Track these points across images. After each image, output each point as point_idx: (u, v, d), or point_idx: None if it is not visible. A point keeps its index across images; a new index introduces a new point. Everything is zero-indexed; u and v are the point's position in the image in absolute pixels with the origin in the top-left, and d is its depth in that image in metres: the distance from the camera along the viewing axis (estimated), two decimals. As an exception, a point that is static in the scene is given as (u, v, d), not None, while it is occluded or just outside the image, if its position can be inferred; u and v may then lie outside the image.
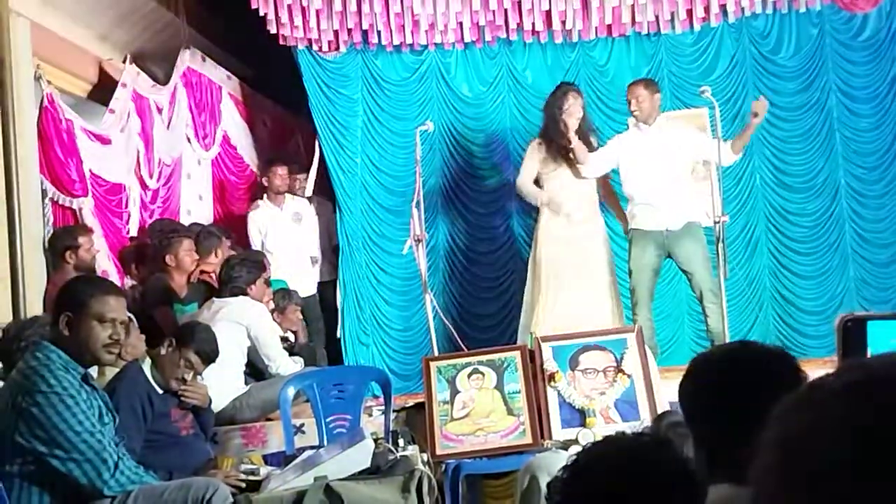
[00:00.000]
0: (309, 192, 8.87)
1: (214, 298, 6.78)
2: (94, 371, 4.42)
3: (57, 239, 6.45)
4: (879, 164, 8.70)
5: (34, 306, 5.96)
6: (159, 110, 8.02)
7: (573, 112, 7.42)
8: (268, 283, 7.07)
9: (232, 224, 8.83)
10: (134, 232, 7.59)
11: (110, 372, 5.30)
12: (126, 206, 7.46)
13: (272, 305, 7.13)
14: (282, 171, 8.52)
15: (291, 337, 7.36)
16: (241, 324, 6.53)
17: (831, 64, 8.72)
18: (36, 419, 3.70)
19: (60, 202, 6.65)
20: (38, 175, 6.47)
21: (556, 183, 7.53)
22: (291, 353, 6.96)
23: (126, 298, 4.41)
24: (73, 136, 6.73)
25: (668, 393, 6.10)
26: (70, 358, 3.83)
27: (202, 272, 7.42)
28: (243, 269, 6.77)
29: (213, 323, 6.18)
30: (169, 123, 8.18)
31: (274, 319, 6.94)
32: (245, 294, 6.69)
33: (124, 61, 7.86)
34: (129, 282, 7.27)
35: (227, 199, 9.22)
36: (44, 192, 6.56)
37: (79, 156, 6.75)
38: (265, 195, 8.55)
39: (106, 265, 6.86)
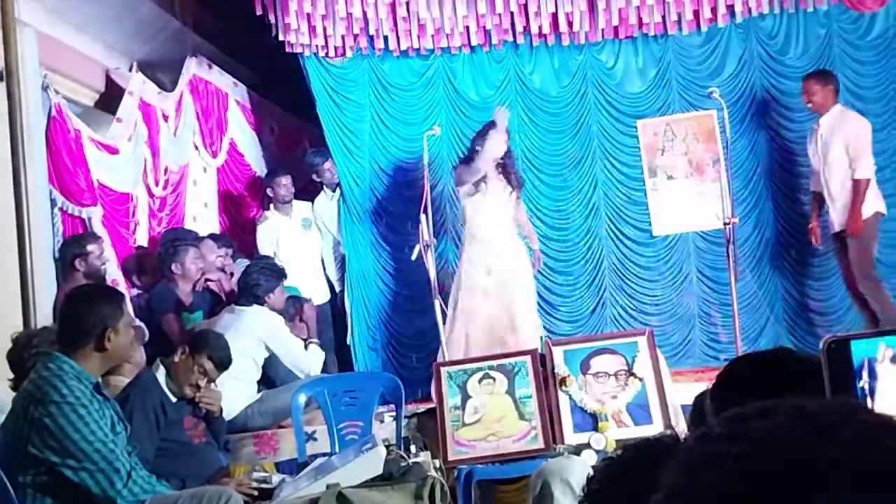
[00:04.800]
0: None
1: (233, 305, 6.80)
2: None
3: (66, 247, 6.45)
4: (888, 163, 8.64)
5: (44, 316, 5.95)
6: (165, 118, 8.01)
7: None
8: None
9: (238, 231, 8.83)
10: (142, 241, 7.58)
11: (119, 381, 5.31)
12: (133, 216, 7.45)
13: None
14: (285, 180, 8.51)
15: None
16: (257, 335, 6.56)
17: (839, 64, 8.68)
18: (48, 429, 3.70)
19: (69, 211, 6.65)
20: (46, 184, 6.46)
21: None
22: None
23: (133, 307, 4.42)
24: (81, 146, 6.73)
25: (679, 396, 6.10)
26: (82, 368, 3.83)
27: (207, 280, 7.43)
28: (261, 277, 6.81)
29: (229, 331, 6.23)
30: (175, 131, 8.17)
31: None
32: (262, 303, 6.73)
33: (130, 69, 7.86)
34: (133, 291, 7.25)
35: (234, 207, 9.20)
36: (53, 202, 6.56)
37: (87, 165, 6.75)
38: (272, 205, 8.54)
39: (116, 274, 6.85)
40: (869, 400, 1.48)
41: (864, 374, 1.53)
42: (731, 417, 0.99)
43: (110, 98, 7.64)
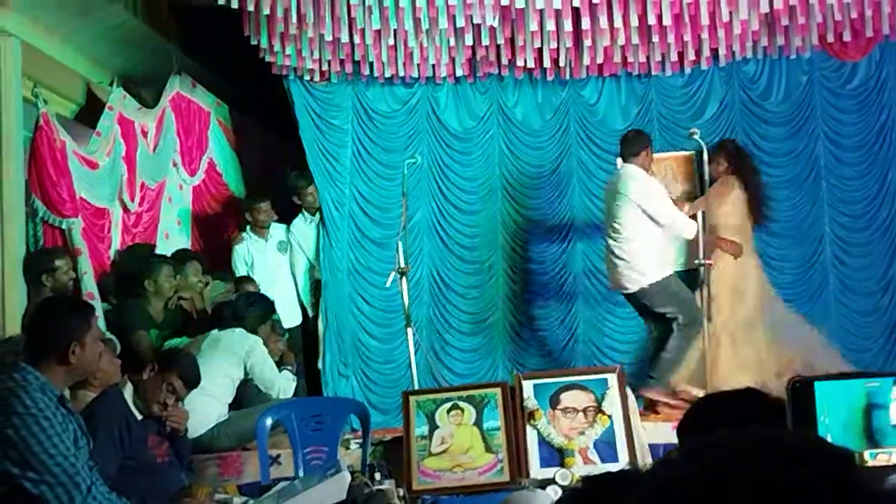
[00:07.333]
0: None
1: (216, 330, 6.79)
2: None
3: (33, 262, 6.41)
4: (865, 212, 8.73)
5: (14, 328, 5.91)
6: (144, 134, 7.99)
7: None
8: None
9: (211, 250, 8.79)
10: (114, 256, 7.55)
11: (86, 395, 5.27)
12: (109, 231, 7.42)
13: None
14: (266, 206, 8.51)
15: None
16: (238, 354, 6.58)
17: (820, 111, 8.76)
18: (10, 440, 3.66)
19: (50, 222, 6.62)
20: (23, 196, 6.44)
21: None
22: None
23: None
24: (66, 157, 6.71)
25: (647, 435, 6.10)
26: (47, 379, 3.79)
27: (180, 298, 7.40)
28: (258, 308, 6.89)
29: (212, 352, 6.24)
30: (155, 147, 8.15)
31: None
32: (254, 332, 6.79)
33: (111, 84, 7.85)
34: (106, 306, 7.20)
35: (209, 226, 9.17)
36: (35, 212, 6.54)
37: (70, 176, 6.73)
38: (248, 226, 8.53)
39: (92, 287, 6.80)
40: (829, 436, 1.51)
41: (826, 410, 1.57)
42: (695, 445, 0.99)
43: (91, 111, 7.63)
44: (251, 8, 7.68)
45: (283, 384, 6.82)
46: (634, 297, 7.53)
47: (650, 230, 7.37)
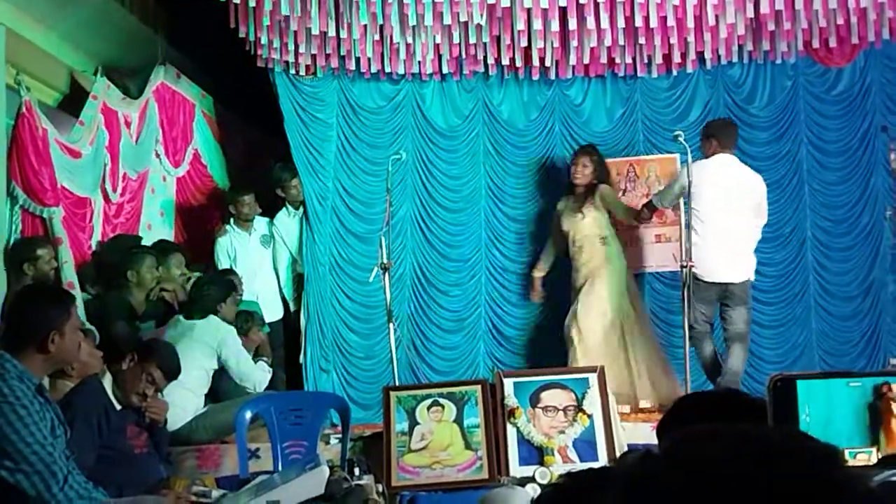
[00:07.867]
0: None
1: (180, 317, 6.76)
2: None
3: (16, 251, 6.38)
4: (847, 217, 8.76)
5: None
6: (128, 124, 7.95)
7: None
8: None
9: (194, 242, 8.76)
10: (95, 247, 7.51)
11: (65, 385, 5.24)
12: (90, 221, 7.39)
13: None
14: (249, 199, 8.48)
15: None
16: (210, 345, 6.54)
17: (803, 116, 8.79)
18: (-13, 429, 3.64)
19: (31, 210, 6.59)
20: (3, 183, 6.40)
21: None
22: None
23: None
24: (48, 145, 6.67)
25: (626, 435, 6.11)
26: (25, 368, 3.78)
27: (162, 290, 7.38)
28: (213, 288, 6.83)
29: (181, 342, 6.21)
30: (137, 138, 8.11)
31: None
32: (214, 313, 6.71)
33: (95, 73, 7.81)
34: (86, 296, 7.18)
35: (192, 217, 9.13)
36: (14, 199, 6.50)
37: (52, 165, 6.69)
38: (232, 219, 8.50)
39: (72, 277, 6.77)
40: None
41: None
42: (674, 440, 0.98)
43: (74, 100, 7.59)
44: (237, -1, 7.66)
45: (258, 377, 6.80)
46: (732, 292, 7.53)
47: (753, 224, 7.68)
